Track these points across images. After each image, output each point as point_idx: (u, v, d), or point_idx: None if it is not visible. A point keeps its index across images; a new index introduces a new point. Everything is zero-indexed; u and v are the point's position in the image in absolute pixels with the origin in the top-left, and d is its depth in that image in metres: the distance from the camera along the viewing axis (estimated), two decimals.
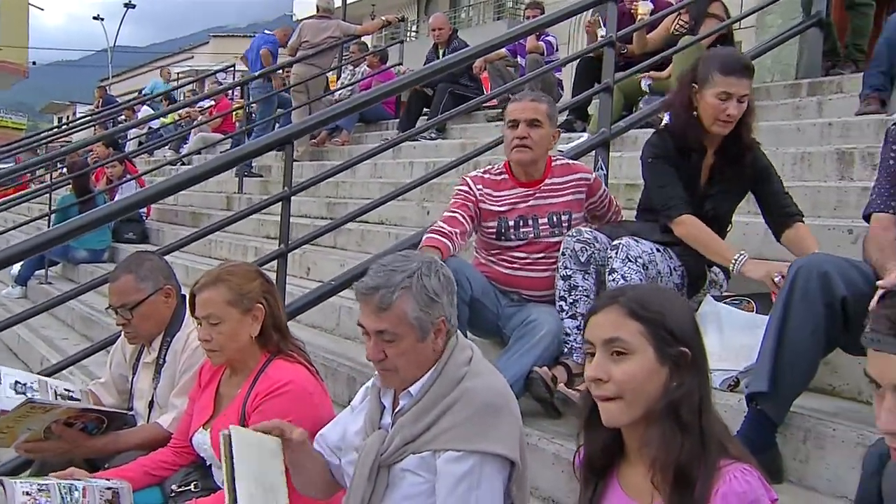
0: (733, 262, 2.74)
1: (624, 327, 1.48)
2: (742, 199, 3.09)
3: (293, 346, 2.44)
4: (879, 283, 2.14)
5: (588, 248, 2.87)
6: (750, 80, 2.87)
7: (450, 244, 2.93)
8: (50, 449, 2.56)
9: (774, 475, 2.29)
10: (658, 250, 2.85)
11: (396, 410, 1.95)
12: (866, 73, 4.43)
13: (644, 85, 5.48)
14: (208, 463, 2.43)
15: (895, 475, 1.30)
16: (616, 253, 2.79)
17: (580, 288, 2.85)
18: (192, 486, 2.41)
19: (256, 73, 8.63)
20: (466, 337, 2.95)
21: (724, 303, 2.78)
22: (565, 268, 2.89)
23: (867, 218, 2.51)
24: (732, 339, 2.62)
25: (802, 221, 2.93)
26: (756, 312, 2.68)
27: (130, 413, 2.84)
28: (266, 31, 9.73)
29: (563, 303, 2.89)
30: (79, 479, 2.27)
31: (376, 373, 2.01)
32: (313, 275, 5.34)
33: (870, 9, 5.37)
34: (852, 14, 5.40)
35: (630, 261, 2.75)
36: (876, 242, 2.38)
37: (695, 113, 2.89)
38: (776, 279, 2.54)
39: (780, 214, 2.94)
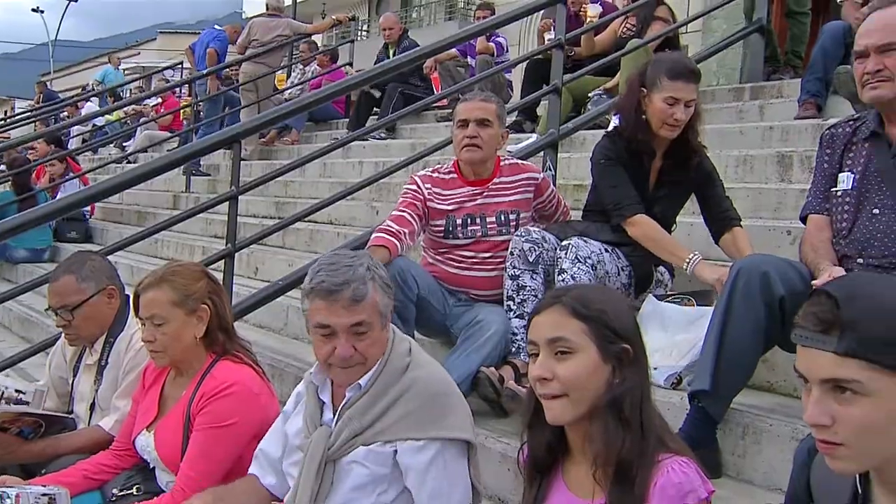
0: (687, 261, 2.80)
1: (567, 326, 1.52)
2: (686, 201, 3.16)
3: (239, 347, 2.42)
4: (814, 283, 2.21)
5: (536, 247, 2.89)
6: (696, 84, 2.94)
7: (398, 243, 2.94)
8: None
9: (714, 470, 2.34)
10: (606, 250, 2.89)
11: (343, 404, 1.95)
12: (804, 79, 4.56)
13: (594, 95, 5.53)
14: (151, 465, 2.40)
15: (822, 467, 1.34)
16: (566, 253, 2.82)
17: (528, 288, 2.87)
18: (133, 490, 2.36)
19: (204, 72, 8.48)
20: (414, 337, 2.98)
21: (667, 301, 2.83)
22: (513, 267, 2.91)
23: (804, 219, 2.58)
24: (675, 337, 2.67)
25: (741, 226, 3.01)
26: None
27: (70, 416, 2.77)
28: (216, 27, 9.57)
29: (511, 302, 2.91)
30: (11, 487, 2.20)
31: (312, 372, 2.02)
32: (261, 275, 5.29)
33: (806, 17, 5.53)
34: (791, 22, 5.56)
35: (579, 261, 2.78)
36: (810, 243, 2.45)
37: (644, 116, 2.94)
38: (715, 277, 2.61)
39: (720, 218, 3.01)
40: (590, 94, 5.47)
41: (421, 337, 3.21)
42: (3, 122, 14.39)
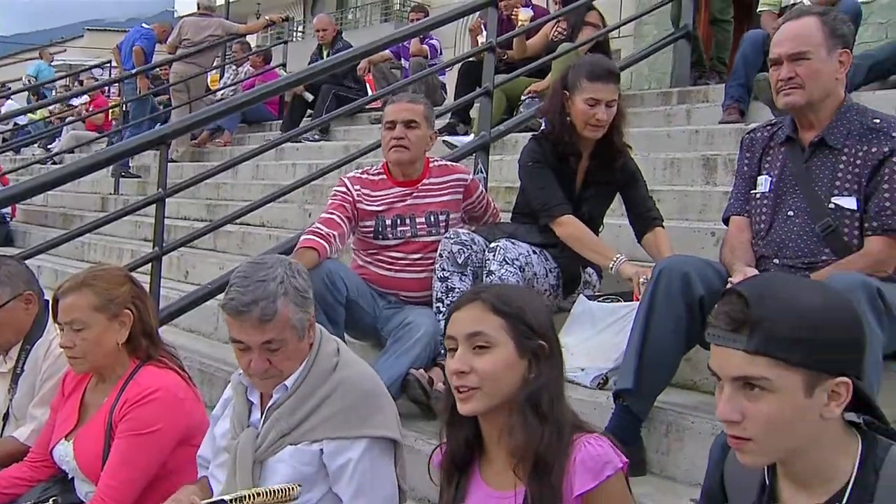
0: (613, 261, 2.86)
1: (486, 322, 1.57)
2: (612, 202, 3.21)
3: (164, 352, 2.37)
4: (730, 280, 2.28)
5: (465, 249, 2.90)
6: (616, 85, 3.00)
7: (327, 245, 2.92)
8: None
9: (639, 468, 2.39)
10: (534, 252, 2.92)
11: (270, 405, 1.95)
12: (727, 84, 4.69)
13: (525, 98, 5.58)
14: (70, 476, 2.32)
15: (734, 462, 1.39)
16: (494, 255, 2.84)
17: (457, 290, 2.89)
18: (49, 502, 2.29)
19: (132, 71, 8.28)
20: (344, 339, 2.96)
21: (596, 301, 2.88)
22: (443, 269, 2.92)
23: (726, 221, 2.66)
24: (604, 337, 2.71)
25: (662, 227, 3.08)
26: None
27: None
28: (143, 25, 9.35)
29: (440, 304, 2.92)
30: None
31: (240, 373, 2.00)
32: (192, 278, 5.19)
33: (729, 25, 5.69)
34: (715, 29, 5.71)
35: (507, 263, 2.81)
36: (730, 244, 2.53)
37: (568, 118, 2.99)
38: (641, 280, 2.66)
39: (643, 218, 3.08)
40: (522, 97, 5.52)
41: (351, 339, 3.19)
42: None
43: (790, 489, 1.33)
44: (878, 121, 2.35)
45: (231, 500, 1.64)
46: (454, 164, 3.38)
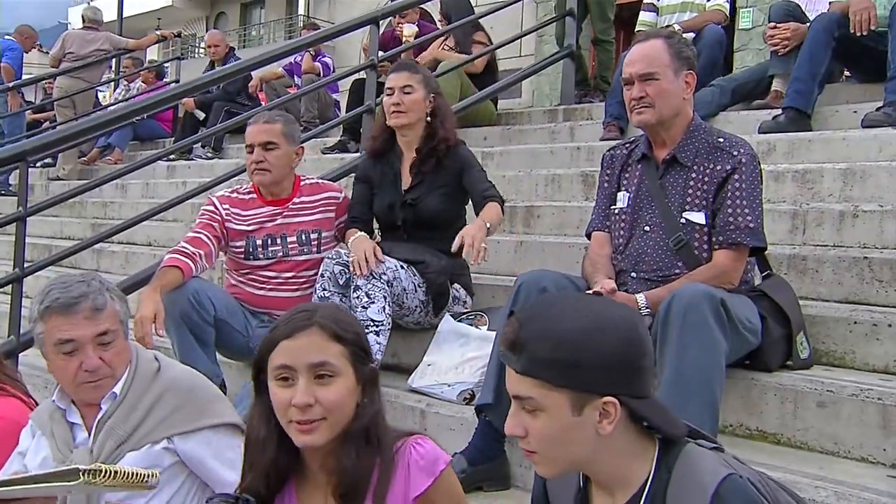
0: (352, 239, 2.95)
1: (328, 350, 1.49)
2: (463, 196, 3.17)
3: (6, 379, 2.26)
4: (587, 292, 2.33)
5: (347, 270, 2.88)
6: (408, 73, 3.12)
7: (192, 264, 2.86)
8: None
9: (502, 481, 2.42)
10: (402, 267, 2.91)
11: (99, 418, 1.91)
12: (606, 102, 4.82)
13: None
14: None
15: None
16: None
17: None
18: None
19: (2, 87, 7.91)
20: (216, 358, 2.90)
21: (461, 319, 2.90)
22: (323, 289, 2.89)
23: (588, 236, 2.72)
24: (468, 354, 2.73)
25: (496, 202, 3.02)
26: (488, 325, 2.82)
27: None
28: (6, 37, 8.94)
29: None
30: None
31: (53, 399, 1.96)
32: None
33: (611, 45, 5.86)
34: (598, 49, 5.87)
35: (374, 277, 2.79)
36: (591, 259, 2.59)
37: (385, 120, 3.13)
38: (350, 258, 2.83)
39: (480, 198, 3.03)
40: None
41: (224, 359, 3.13)
42: None
43: (599, 493, 1.38)
44: (721, 140, 2.45)
45: (84, 472, 1.55)
46: (326, 181, 3.37)
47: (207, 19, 21.61)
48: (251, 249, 3.07)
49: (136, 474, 1.58)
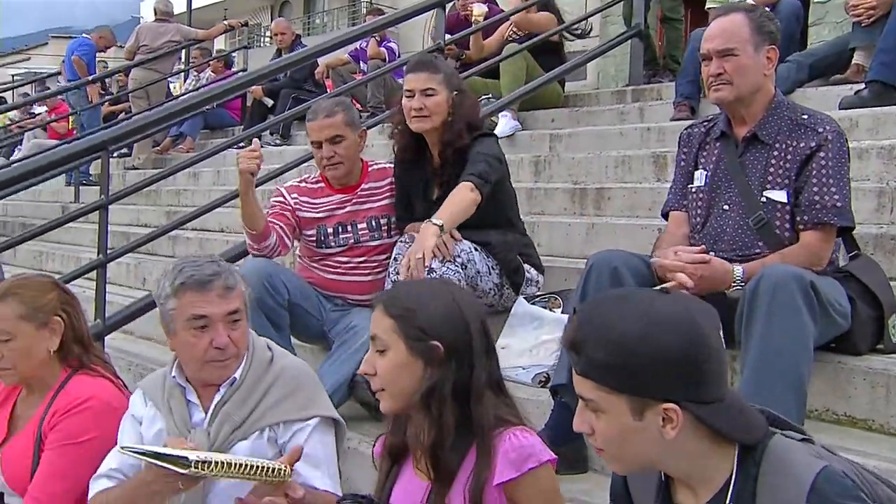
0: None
1: (380, 325, 1.62)
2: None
3: (97, 360, 2.33)
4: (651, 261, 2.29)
5: None
6: (429, 73, 2.91)
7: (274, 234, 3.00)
8: None
9: (580, 464, 2.40)
10: (476, 249, 2.89)
11: (217, 401, 1.96)
12: (677, 81, 4.72)
13: (482, 99, 5.56)
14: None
15: None
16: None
17: None
18: None
19: (78, 82, 8.17)
20: (291, 343, 2.94)
21: (534, 301, 2.88)
22: (397, 273, 2.85)
23: (665, 216, 2.67)
24: (542, 336, 2.71)
25: (468, 181, 2.78)
26: (562, 308, 2.80)
27: None
28: (83, 35, 9.26)
29: None
30: None
31: (173, 375, 2.01)
32: (150, 285, 5.12)
33: (680, 23, 5.73)
34: (666, 27, 5.75)
35: (448, 260, 2.78)
36: (667, 239, 2.54)
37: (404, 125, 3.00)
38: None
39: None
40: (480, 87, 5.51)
41: (299, 343, 3.18)
42: None
43: (682, 489, 1.34)
44: (805, 116, 2.37)
45: (196, 462, 1.60)
46: (391, 165, 3.36)
47: (272, 8, 21.88)
48: (322, 237, 3.09)
49: (268, 469, 1.65)
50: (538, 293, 3.03)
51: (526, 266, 3.03)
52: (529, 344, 2.73)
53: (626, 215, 3.83)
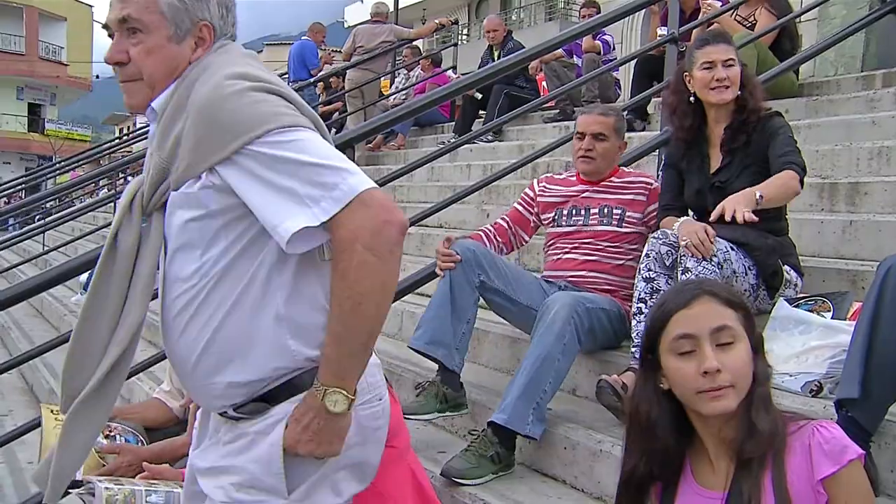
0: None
1: (727, 316, 1.52)
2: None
3: None
4: None
5: (674, 251, 2.74)
6: (727, 45, 2.96)
7: (485, 238, 3.25)
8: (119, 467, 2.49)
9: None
10: (732, 249, 2.74)
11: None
12: None
13: None
14: None
15: None
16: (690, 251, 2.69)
17: (663, 292, 2.74)
18: None
19: (304, 83, 8.68)
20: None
21: (798, 304, 2.68)
22: (649, 270, 2.76)
23: None
24: (810, 343, 2.51)
25: (793, 171, 2.76)
26: (832, 312, 2.59)
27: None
28: (303, 38, 9.83)
29: (642, 305, 2.76)
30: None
31: None
32: None
33: None
34: None
35: (704, 259, 2.65)
36: None
37: (692, 98, 2.99)
38: (683, 242, 2.62)
39: (778, 165, 2.80)
40: None
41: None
42: (125, 136, 15.05)
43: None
44: None
45: None
46: (640, 171, 3.49)
47: (469, 6, 22.27)
48: (556, 217, 3.28)
49: None
50: (799, 295, 2.82)
51: (785, 268, 2.83)
52: (795, 350, 2.53)
53: (889, 211, 3.49)
